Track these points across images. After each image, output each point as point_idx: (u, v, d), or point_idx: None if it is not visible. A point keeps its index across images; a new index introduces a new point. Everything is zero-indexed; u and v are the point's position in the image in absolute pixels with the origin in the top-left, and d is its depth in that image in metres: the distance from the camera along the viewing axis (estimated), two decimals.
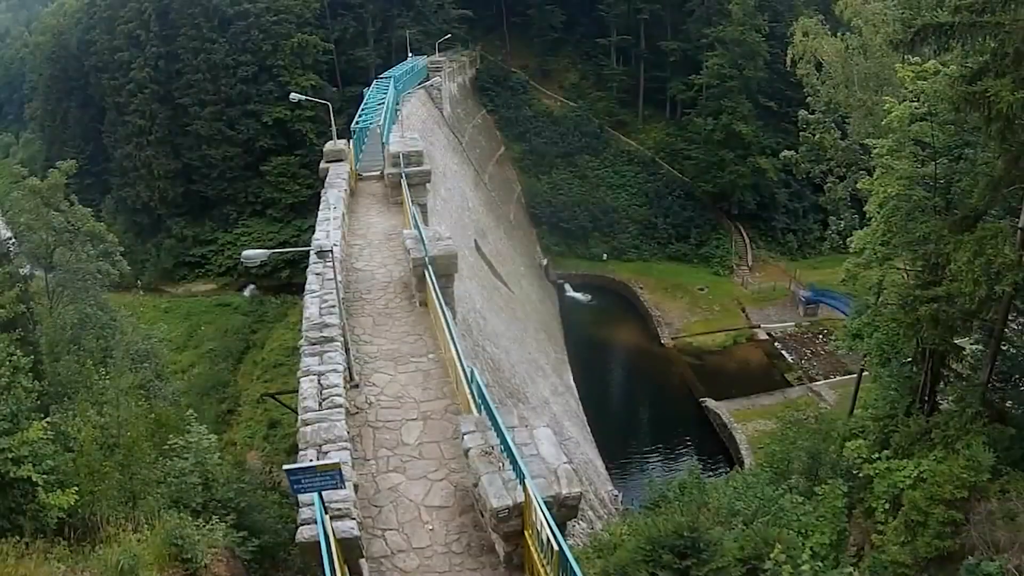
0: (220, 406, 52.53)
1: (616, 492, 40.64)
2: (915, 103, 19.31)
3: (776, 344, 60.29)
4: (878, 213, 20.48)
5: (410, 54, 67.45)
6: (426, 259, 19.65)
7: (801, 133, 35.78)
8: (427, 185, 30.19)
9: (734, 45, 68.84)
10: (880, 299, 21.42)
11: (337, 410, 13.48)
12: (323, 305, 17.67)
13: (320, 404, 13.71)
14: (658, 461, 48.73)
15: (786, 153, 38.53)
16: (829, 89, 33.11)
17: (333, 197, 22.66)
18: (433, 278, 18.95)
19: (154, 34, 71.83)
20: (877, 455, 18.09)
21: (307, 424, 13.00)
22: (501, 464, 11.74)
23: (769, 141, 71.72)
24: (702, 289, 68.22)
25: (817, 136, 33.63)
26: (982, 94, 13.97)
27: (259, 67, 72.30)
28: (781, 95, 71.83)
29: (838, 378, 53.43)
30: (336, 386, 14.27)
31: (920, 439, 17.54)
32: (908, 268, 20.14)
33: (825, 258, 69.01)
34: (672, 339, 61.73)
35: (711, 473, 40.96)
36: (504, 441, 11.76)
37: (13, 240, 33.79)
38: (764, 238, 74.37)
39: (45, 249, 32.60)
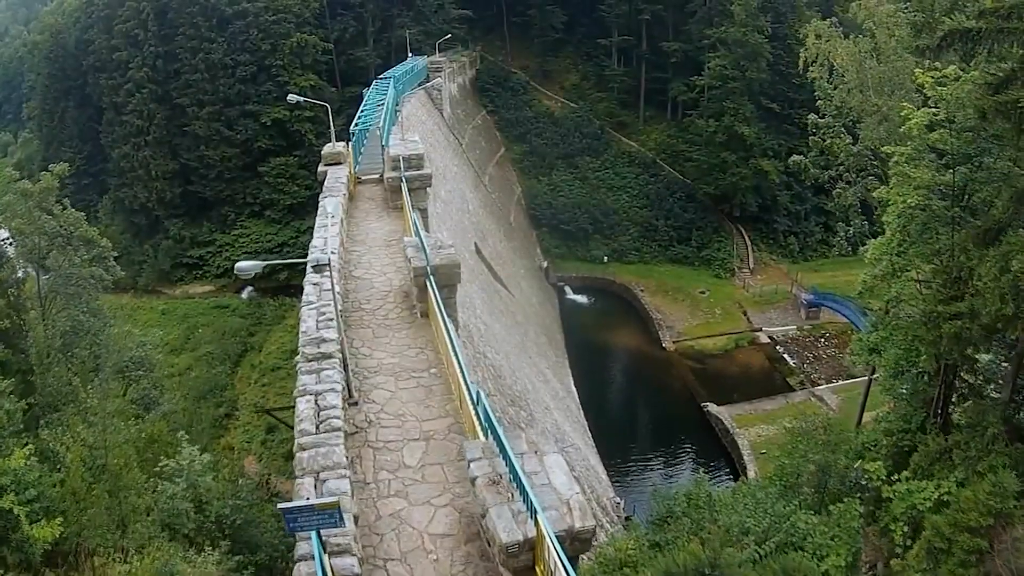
0: (217, 410, 51.89)
1: (618, 499, 40.09)
2: (934, 110, 18.69)
3: (778, 347, 59.78)
4: (895, 222, 19.87)
5: (410, 54, 66.98)
6: (428, 268, 18.96)
7: (810, 138, 35.13)
8: (427, 189, 29.53)
9: (736, 46, 68.26)
10: (894, 311, 20.79)
11: (335, 434, 12.76)
12: (320, 318, 16.90)
13: (317, 427, 13.00)
14: (659, 466, 48.28)
15: (795, 158, 37.90)
16: (842, 93, 32.46)
17: (331, 204, 21.98)
18: (435, 289, 18.27)
19: (152, 34, 71.24)
20: (896, 477, 17.51)
21: (304, 449, 12.28)
22: (510, 495, 11.11)
23: (771, 143, 71.48)
24: (703, 292, 67.71)
25: (827, 141, 33.00)
26: (1013, 104, 13.41)
27: (258, 67, 71.77)
28: (784, 97, 71.53)
29: (841, 382, 53.06)
30: (334, 407, 13.56)
31: (939, 459, 16.97)
32: (926, 280, 19.53)
33: (827, 261, 68.73)
34: (673, 342, 61.20)
35: (713, 479, 40.36)
36: (513, 470, 11.12)
37: (11, 241, 33.19)
38: (766, 241, 73.94)
39: (38, 253, 32.00)
